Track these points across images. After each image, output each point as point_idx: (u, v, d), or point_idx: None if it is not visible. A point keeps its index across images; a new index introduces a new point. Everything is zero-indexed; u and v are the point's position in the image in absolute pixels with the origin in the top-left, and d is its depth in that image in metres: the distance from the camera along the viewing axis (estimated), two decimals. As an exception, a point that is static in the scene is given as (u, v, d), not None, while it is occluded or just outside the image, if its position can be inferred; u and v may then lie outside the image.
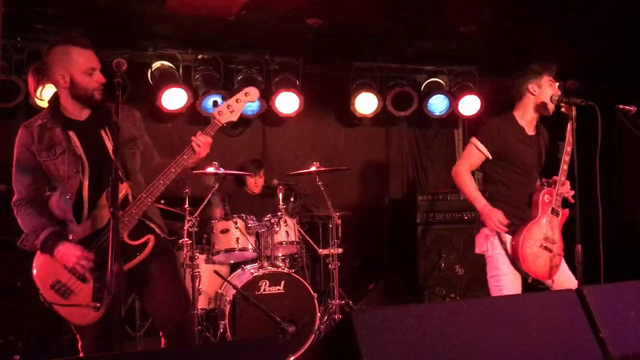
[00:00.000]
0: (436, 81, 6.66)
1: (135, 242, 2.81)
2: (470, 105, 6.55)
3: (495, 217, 3.44)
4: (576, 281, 3.32)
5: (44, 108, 5.18)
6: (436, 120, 6.79)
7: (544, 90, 3.56)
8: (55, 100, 2.91)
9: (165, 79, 5.69)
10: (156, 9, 4.75)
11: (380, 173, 7.08)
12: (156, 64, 5.82)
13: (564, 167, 3.55)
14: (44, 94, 5.21)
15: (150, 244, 2.84)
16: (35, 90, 2.93)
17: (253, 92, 3.05)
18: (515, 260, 3.45)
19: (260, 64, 6.10)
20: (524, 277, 3.47)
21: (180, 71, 5.85)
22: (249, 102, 3.05)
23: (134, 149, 2.98)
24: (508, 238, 3.50)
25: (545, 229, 3.49)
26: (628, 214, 6.68)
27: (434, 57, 6.42)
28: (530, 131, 3.66)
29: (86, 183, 2.82)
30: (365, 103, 6.39)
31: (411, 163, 7.22)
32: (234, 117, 3.00)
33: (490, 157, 3.59)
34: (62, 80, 2.81)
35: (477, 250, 3.69)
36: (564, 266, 3.60)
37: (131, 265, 2.79)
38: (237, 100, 3.00)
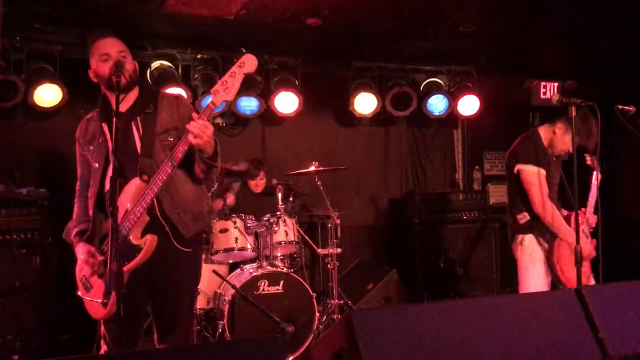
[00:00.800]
0: (435, 81, 6.66)
1: (137, 242, 2.75)
2: (469, 105, 6.55)
3: (587, 248, 3.57)
4: None
5: (43, 107, 5.24)
6: (435, 120, 6.79)
7: (562, 141, 3.71)
8: (104, 96, 2.94)
9: (165, 79, 5.68)
10: (155, 9, 4.75)
11: (379, 173, 7.08)
12: (155, 64, 5.81)
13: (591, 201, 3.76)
14: (41, 95, 5.26)
15: (149, 245, 2.71)
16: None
17: (249, 60, 2.70)
18: (550, 264, 3.59)
19: (259, 63, 6.05)
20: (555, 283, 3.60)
21: (180, 71, 5.84)
22: (246, 73, 2.70)
23: (167, 140, 2.82)
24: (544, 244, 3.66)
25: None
26: (627, 214, 6.69)
27: (433, 57, 6.43)
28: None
29: (107, 178, 2.77)
30: (365, 103, 6.39)
31: (410, 163, 7.22)
32: (229, 96, 2.67)
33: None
34: (92, 75, 2.89)
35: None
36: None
37: (132, 266, 2.72)
38: (232, 75, 2.68)
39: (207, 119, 2.66)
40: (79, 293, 2.87)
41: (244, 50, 2.79)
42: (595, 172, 3.87)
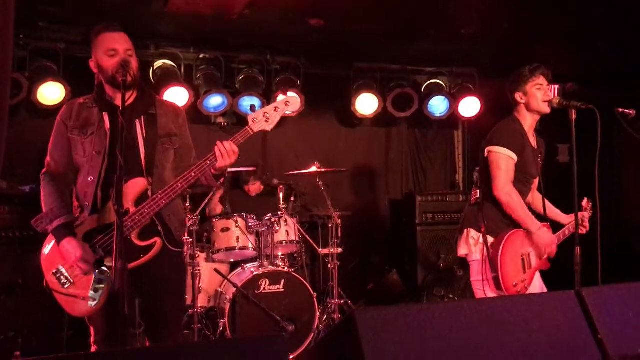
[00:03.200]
0: (436, 82, 6.69)
1: (142, 243, 2.78)
2: (470, 106, 6.58)
3: (548, 241, 3.45)
4: None
5: (46, 105, 5.25)
6: (436, 121, 6.82)
7: (532, 95, 3.54)
8: (100, 84, 2.93)
9: (167, 78, 5.70)
10: (158, 8, 4.77)
11: (380, 173, 7.10)
12: (158, 63, 5.83)
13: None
14: (44, 93, 5.26)
15: (157, 247, 2.79)
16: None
17: (294, 101, 2.88)
18: (492, 262, 3.37)
19: (262, 63, 6.12)
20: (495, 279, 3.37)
21: (182, 70, 5.86)
22: (288, 112, 2.87)
23: (167, 144, 2.93)
24: (491, 240, 3.44)
25: (532, 246, 3.49)
26: (627, 217, 6.71)
27: (435, 58, 6.45)
28: (532, 141, 3.64)
29: (103, 171, 2.79)
30: (366, 104, 6.41)
31: (411, 164, 7.24)
32: (269, 127, 2.84)
33: (517, 161, 3.48)
34: (93, 66, 2.87)
35: (461, 253, 3.64)
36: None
37: (134, 266, 2.75)
38: (275, 109, 2.84)
39: (241, 142, 2.83)
40: (47, 285, 2.78)
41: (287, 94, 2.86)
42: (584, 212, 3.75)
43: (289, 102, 2.86)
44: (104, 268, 2.75)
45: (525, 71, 3.58)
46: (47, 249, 2.85)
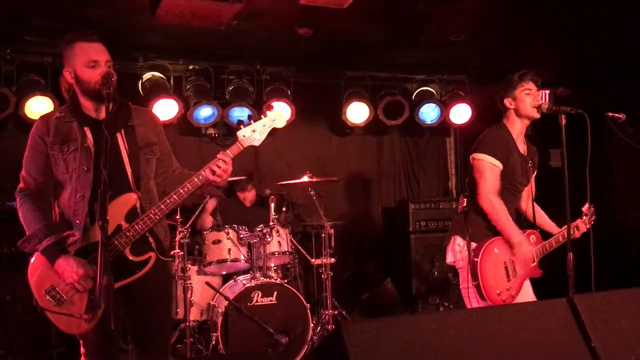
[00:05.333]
0: (427, 90, 6.69)
1: (136, 259, 2.74)
2: (461, 113, 6.58)
3: (527, 256, 3.39)
4: None
5: (34, 119, 5.20)
6: (428, 129, 6.82)
7: (521, 101, 3.53)
8: (73, 97, 2.85)
9: (156, 90, 5.68)
10: (146, 20, 4.75)
11: (372, 182, 7.08)
12: (147, 75, 5.81)
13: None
14: (32, 107, 5.23)
15: (152, 262, 2.78)
16: (65, 92, 2.89)
17: (280, 118, 2.94)
18: (472, 270, 3.35)
19: (252, 73, 6.11)
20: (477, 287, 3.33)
21: (171, 82, 5.84)
22: (275, 127, 2.94)
23: (149, 154, 2.90)
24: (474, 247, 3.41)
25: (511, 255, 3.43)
26: (619, 221, 6.70)
27: (425, 66, 6.46)
28: (521, 148, 3.62)
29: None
30: (357, 112, 6.40)
31: (403, 172, 7.23)
32: (257, 143, 2.89)
33: (502, 169, 3.45)
34: (68, 76, 2.78)
35: (449, 260, 3.61)
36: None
37: (128, 281, 2.73)
38: (263, 125, 2.88)
39: (232, 157, 2.82)
40: (40, 305, 2.70)
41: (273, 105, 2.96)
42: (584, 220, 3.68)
43: (276, 119, 2.92)
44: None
45: (514, 77, 3.58)
46: (33, 269, 2.77)
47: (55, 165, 2.78)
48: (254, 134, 2.86)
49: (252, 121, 2.88)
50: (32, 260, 2.78)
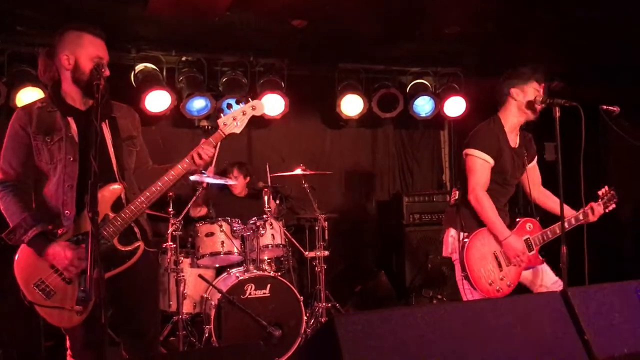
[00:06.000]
0: (421, 82, 6.66)
1: (125, 248, 2.77)
2: (455, 106, 6.56)
3: (517, 251, 3.39)
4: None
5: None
6: (422, 121, 6.80)
7: (528, 96, 3.53)
8: (56, 85, 2.84)
9: (149, 81, 5.63)
10: (139, 11, 4.70)
11: (366, 175, 7.06)
12: (139, 66, 5.76)
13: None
14: (23, 98, 5.18)
15: (140, 251, 2.81)
16: (43, 74, 2.87)
17: (259, 106, 3.01)
18: (460, 260, 3.39)
19: (245, 65, 6.06)
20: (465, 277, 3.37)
21: (164, 73, 5.79)
22: (254, 115, 3.01)
23: (131, 147, 2.95)
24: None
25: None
26: (612, 214, 6.70)
27: (419, 58, 6.43)
28: (513, 141, 3.62)
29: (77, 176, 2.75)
30: (351, 105, 6.37)
31: (397, 165, 7.22)
32: (238, 130, 2.94)
33: (493, 165, 3.48)
34: (66, 61, 2.77)
35: (444, 253, 3.63)
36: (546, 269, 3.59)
37: (118, 271, 2.75)
38: (243, 113, 2.95)
39: (215, 145, 2.88)
40: (29, 298, 2.69)
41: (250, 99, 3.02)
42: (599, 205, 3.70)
43: (255, 106, 2.99)
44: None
45: (527, 70, 3.56)
46: (20, 262, 2.75)
47: (39, 155, 2.75)
48: (234, 121, 2.92)
49: (231, 109, 2.95)
50: (17, 254, 2.76)
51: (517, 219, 3.58)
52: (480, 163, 3.46)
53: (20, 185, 2.78)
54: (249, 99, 3.03)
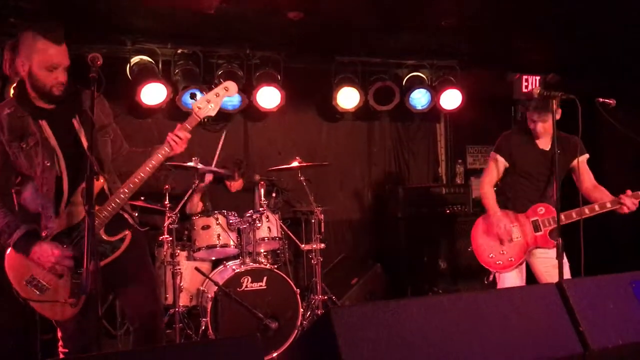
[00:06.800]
0: (418, 75, 6.65)
1: (112, 238, 2.80)
2: (451, 99, 6.55)
3: (499, 227, 3.87)
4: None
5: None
6: (418, 114, 6.80)
7: (531, 123, 3.94)
8: (21, 86, 2.78)
9: (145, 74, 5.61)
10: (134, 3, 4.68)
11: (362, 167, 7.06)
12: (135, 59, 5.73)
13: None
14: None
15: (128, 239, 2.85)
16: (8, 68, 2.76)
17: (232, 86, 3.03)
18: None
19: (241, 58, 6.04)
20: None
21: (160, 66, 5.77)
22: (227, 96, 3.04)
23: (105, 136, 2.95)
24: None
25: (511, 223, 3.92)
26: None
27: (415, 51, 6.42)
28: (542, 143, 3.96)
29: (64, 176, 2.77)
30: (347, 98, 6.36)
31: (393, 157, 7.21)
32: (213, 112, 2.97)
33: (508, 165, 4.04)
34: (21, 67, 2.71)
35: None
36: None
37: (108, 262, 2.78)
38: (216, 95, 2.96)
39: (190, 129, 2.91)
40: (23, 295, 2.74)
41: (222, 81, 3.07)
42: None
43: (227, 87, 3.02)
44: (80, 270, 2.71)
45: (532, 103, 3.88)
46: (9, 262, 2.79)
47: (17, 161, 2.75)
48: (208, 104, 2.95)
49: (204, 92, 3.02)
50: (6, 254, 2.79)
51: (532, 205, 3.94)
52: (491, 160, 4.12)
53: (3, 193, 2.78)
54: (221, 80, 3.10)
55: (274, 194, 5.69)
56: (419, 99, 6.59)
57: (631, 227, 6.32)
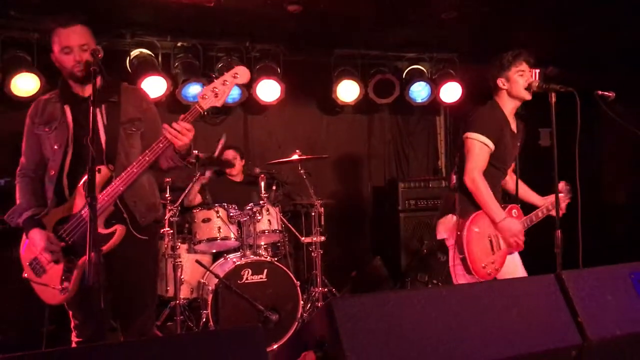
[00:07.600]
0: (417, 68, 6.66)
1: (104, 231, 2.81)
2: (451, 92, 6.56)
3: (513, 231, 3.40)
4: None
5: (20, 97, 5.13)
6: (418, 107, 6.82)
7: (514, 82, 3.52)
8: (61, 76, 2.98)
9: (145, 67, 5.61)
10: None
11: (362, 160, 7.08)
12: (135, 52, 5.73)
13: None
14: (18, 84, 5.16)
15: (117, 235, 2.81)
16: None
17: (243, 72, 2.78)
18: (458, 243, 3.37)
19: (241, 51, 6.05)
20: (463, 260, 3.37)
21: (160, 59, 5.77)
22: (237, 84, 2.79)
23: (131, 130, 2.95)
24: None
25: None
26: (607, 199, 6.76)
27: (415, 44, 6.42)
28: (513, 125, 3.62)
29: (67, 162, 2.85)
30: (347, 91, 6.37)
31: (393, 150, 7.23)
32: (218, 102, 2.75)
33: (493, 149, 3.44)
34: (54, 60, 2.90)
35: (439, 237, 3.62)
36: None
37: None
38: (224, 83, 2.74)
39: (190, 120, 2.76)
40: (25, 275, 2.89)
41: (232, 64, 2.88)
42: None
43: (237, 73, 2.76)
44: (72, 257, 2.79)
45: (508, 57, 3.55)
46: (23, 242, 2.93)
47: (43, 145, 2.92)
48: (213, 93, 2.74)
49: (214, 80, 2.79)
50: (23, 234, 2.93)
51: (502, 205, 3.52)
52: (479, 146, 3.42)
53: (32, 175, 2.96)
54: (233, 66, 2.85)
55: (274, 187, 5.71)
56: (419, 91, 6.60)
57: (630, 219, 6.35)
